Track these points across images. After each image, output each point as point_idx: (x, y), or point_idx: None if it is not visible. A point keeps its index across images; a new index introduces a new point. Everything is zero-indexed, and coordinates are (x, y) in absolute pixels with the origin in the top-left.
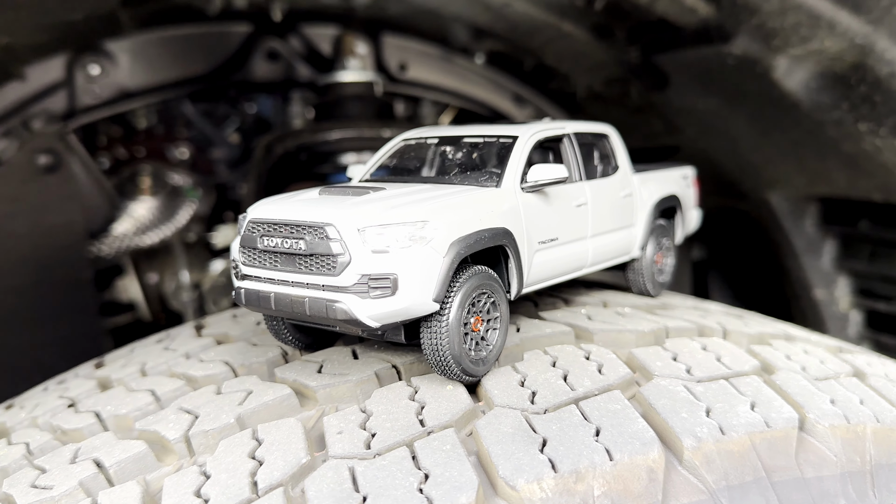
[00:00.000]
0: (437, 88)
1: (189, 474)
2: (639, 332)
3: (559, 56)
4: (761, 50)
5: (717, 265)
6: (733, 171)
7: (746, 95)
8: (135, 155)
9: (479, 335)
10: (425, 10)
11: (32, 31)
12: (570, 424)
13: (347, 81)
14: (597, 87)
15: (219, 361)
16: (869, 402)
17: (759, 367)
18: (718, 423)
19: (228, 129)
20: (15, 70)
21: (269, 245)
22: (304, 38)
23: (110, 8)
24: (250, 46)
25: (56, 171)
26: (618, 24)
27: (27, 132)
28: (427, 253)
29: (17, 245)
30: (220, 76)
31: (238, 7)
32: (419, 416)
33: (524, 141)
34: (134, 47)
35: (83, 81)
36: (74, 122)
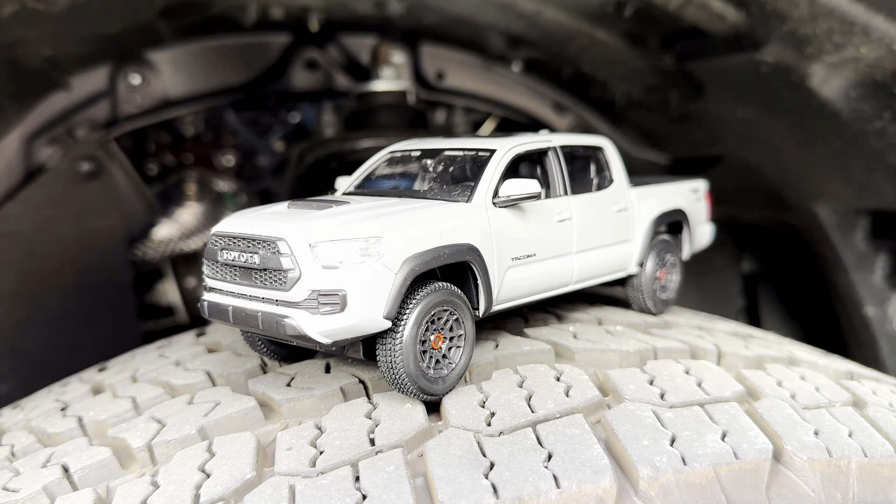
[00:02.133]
0: (475, 97)
1: (140, 484)
2: (623, 353)
3: (595, 63)
4: (795, 57)
5: (769, 279)
6: (777, 181)
7: (785, 104)
8: (182, 162)
9: (441, 353)
10: (460, 19)
11: (75, 43)
12: (521, 448)
13: (380, 90)
14: (635, 95)
15: (200, 371)
16: (860, 434)
17: (743, 394)
18: (681, 453)
19: (273, 137)
20: (60, 80)
21: (228, 258)
22: (343, 48)
23: (147, 20)
24: (289, 56)
25: (98, 178)
26: (649, 31)
27: (71, 140)
28: (377, 269)
29: (60, 249)
30: (259, 85)
31: (275, 18)
32: (371, 434)
33: (500, 155)
34: (175, 57)
35: (125, 91)
36: (116, 130)
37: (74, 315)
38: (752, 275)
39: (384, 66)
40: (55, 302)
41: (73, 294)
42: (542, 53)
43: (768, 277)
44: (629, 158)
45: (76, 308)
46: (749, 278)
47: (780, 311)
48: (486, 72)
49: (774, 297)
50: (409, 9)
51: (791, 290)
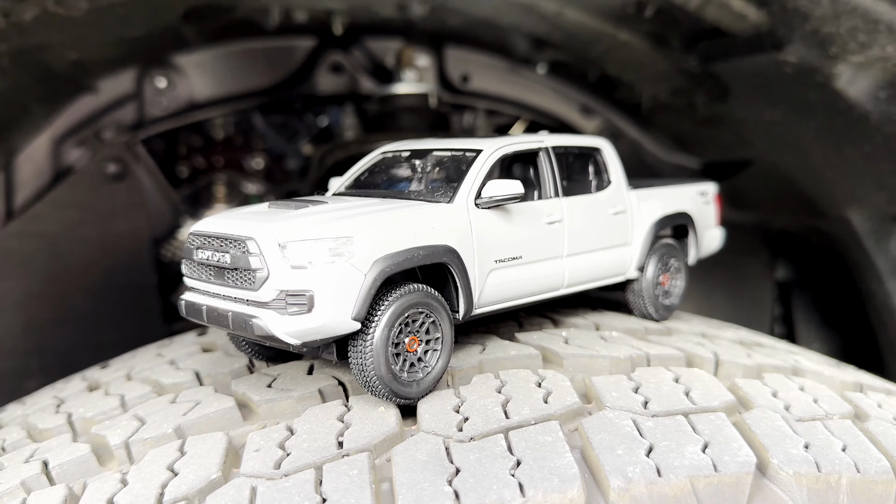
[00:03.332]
0: (501, 99)
1: (110, 481)
2: (613, 359)
3: (621, 65)
4: (819, 57)
5: (804, 287)
6: (808, 186)
7: (812, 106)
8: (213, 164)
9: (416, 356)
10: (483, 21)
11: (100, 47)
12: (489, 455)
13: (402, 93)
14: (662, 98)
15: (190, 370)
16: (855, 448)
17: (733, 404)
18: (657, 464)
19: (301, 140)
20: (87, 83)
21: (203, 258)
22: (368, 51)
23: (171, 24)
24: (314, 60)
25: (124, 180)
26: (672, 31)
27: (98, 142)
28: (346, 270)
29: (86, 249)
30: (285, 89)
31: (299, 21)
32: (340, 437)
33: (486, 155)
34: (201, 61)
35: (151, 94)
36: (143, 132)
37: (100, 315)
38: (787, 282)
39: (407, 69)
40: (81, 302)
41: (99, 294)
42: (567, 55)
43: (803, 285)
44: (659, 162)
45: (102, 308)
46: (783, 286)
47: (815, 320)
48: (512, 74)
49: (810, 305)
50: (432, 11)
51: (827, 298)
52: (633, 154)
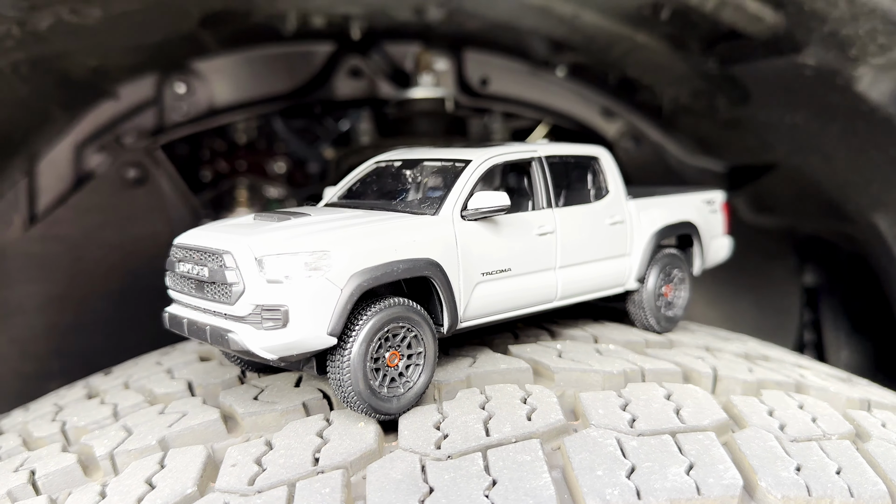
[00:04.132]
0: (521, 102)
1: (90, 493)
2: (606, 374)
3: (641, 68)
4: (838, 60)
5: (832, 292)
6: (833, 190)
7: (834, 110)
8: (235, 168)
9: (397, 371)
10: (500, 24)
11: (119, 54)
12: (465, 475)
13: (418, 98)
14: (683, 100)
15: (183, 380)
16: (851, 471)
17: (725, 423)
18: (637, 486)
19: (323, 144)
20: (108, 89)
21: (184, 270)
22: (387, 56)
23: (189, 30)
24: (333, 65)
25: (144, 185)
26: (689, 33)
27: (119, 147)
28: (321, 284)
29: (107, 253)
30: (304, 94)
31: (317, 26)
32: (316, 454)
33: (474, 167)
34: (220, 67)
35: (171, 99)
36: (163, 138)
37: (121, 318)
38: (815, 288)
39: (424, 73)
40: (102, 305)
41: (120, 298)
42: (587, 58)
43: (832, 291)
44: (682, 166)
45: (122, 311)
46: (811, 291)
47: (843, 326)
48: (532, 77)
49: (838, 311)
50: (449, 15)
51: (856, 304)
52: (657, 157)
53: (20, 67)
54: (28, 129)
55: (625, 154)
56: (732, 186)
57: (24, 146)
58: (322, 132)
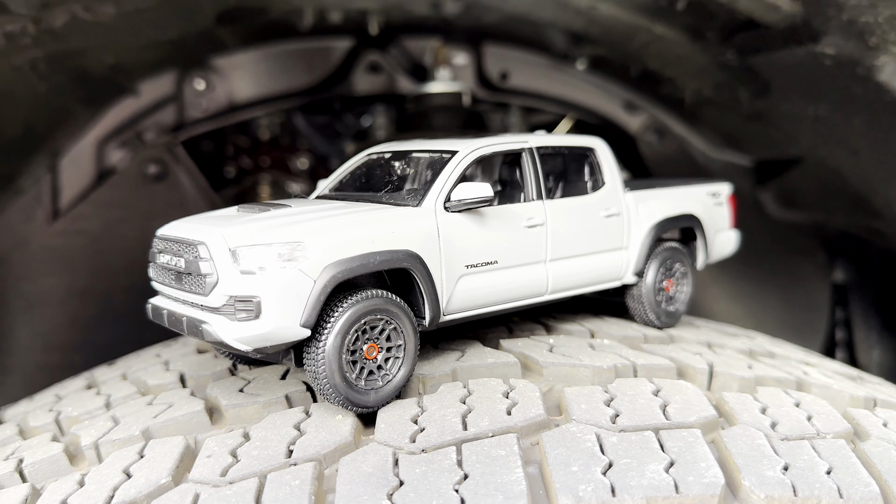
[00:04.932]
0: (541, 96)
1: (70, 482)
2: (596, 369)
3: (661, 60)
4: (858, 49)
5: (863, 289)
6: (860, 184)
7: (856, 101)
8: (259, 165)
9: (376, 364)
10: (518, 18)
11: (137, 51)
12: (436, 468)
13: (435, 92)
14: (706, 93)
15: (177, 372)
16: (842, 471)
17: (713, 420)
18: (612, 483)
19: (344, 139)
20: (128, 86)
21: (163, 261)
22: (405, 51)
23: (205, 27)
24: (352, 60)
25: (164, 180)
26: (706, 24)
27: (140, 143)
28: (293, 275)
29: (127, 248)
30: (323, 89)
31: (334, 22)
32: (291, 446)
33: (460, 158)
34: (239, 63)
35: (191, 96)
36: (183, 134)
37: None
38: (845, 285)
39: (441, 67)
40: (123, 298)
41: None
42: (607, 50)
43: (863, 288)
44: (708, 160)
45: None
46: (841, 289)
47: (874, 324)
48: (553, 71)
49: (869, 308)
50: (466, 9)
51: (888, 301)
52: (681, 152)
53: (38, 65)
54: (50, 126)
55: (648, 148)
56: (760, 181)
57: (46, 143)
58: (342, 128)
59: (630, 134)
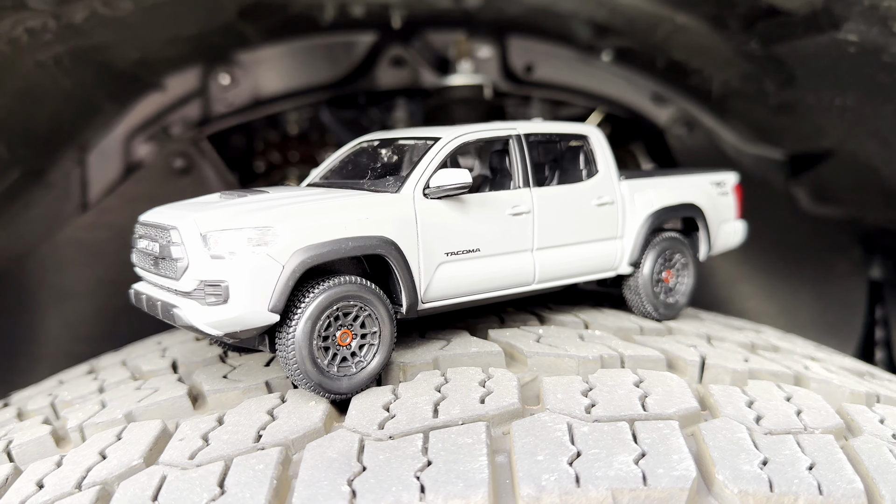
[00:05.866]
0: (567, 89)
1: (48, 462)
2: (581, 359)
3: (686, 50)
4: (882, 35)
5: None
6: (893, 177)
7: (884, 89)
8: (288, 159)
9: (349, 350)
10: (540, 9)
11: (160, 46)
12: (400, 455)
13: (456, 85)
14: (734, 84)
15: (171, 358)
16: (825, 467)
17: (694, 412)
18: (577, 473)
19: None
20: (153, 81)
21: (142, 247)
22: (429, 44)
23: (227, 22)
24: (376, 54)
25: (189, 174)
26: (728, 12)
27: (166, 137)
28: (261, 260)
29: None
30: (347, 83)
31: (356, 16)
32: (261, 430)
33: (441, 144)
34: (263, 58)
35: (216, 91)
36: (208, 128)
37: None
38: (881, 282)
39: (462, 60)
40: None
41: None
42: (631, 41)
43: None
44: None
45: None
46: (877, 285)
47: None
48: (579, 63)
49: None
50: (488, 1)
51: None
52: (711, 145)
53: (62, 60)
54: (78, 121)
55: (677, 141)
56: (793, 175)
57: (75, 137)
58: (367, 122)
59: (658, 126)
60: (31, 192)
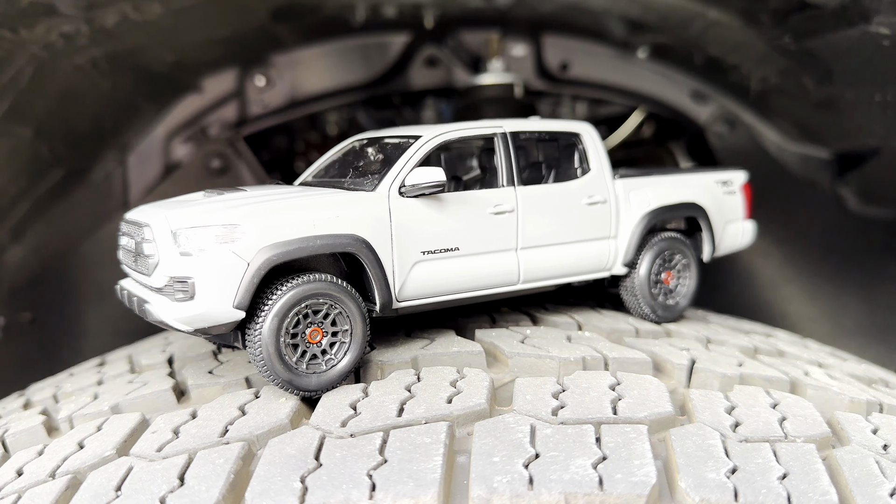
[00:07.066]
0: (604, 87)
1: (32, 451)
2: (562, 361)
3: (721, 46)
4: None
5: None
6: None
7: None
8: None
9: (320, 348)
10: (573, 6)
11: (195, 48)
12: (357, 453)
13: (486, 84)
14: (773, 80)
15: (169, 353)
16: (799, 477)
17: (667, 417)
18: (532, 475)
19: None
20: (191, 83)
21: (123, 244)
22: (463, 44)
23: (260, 25)
24: (410, 54)
25: (226, 174)
26: (759, 6)
27: (204, 138)
28: (226, 257)
29: None
30: (381, 84)
31: (389, 17)
32: (229, 425)
33: (421, 142)
34: (298, 60)
35: (252, 92)
36: (244, 129)
37: None
38: None
39: (493, 59)
40: None
41: None
42: (667, 38)
43: None
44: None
45: None
46: None
47: None
48: (615, 60)
49: None
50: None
51: None
52: (753, 143)
53: (99, 63)
54: (118, 122)
55: (718, 140)
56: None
57: (116, 138)
58: (402, 122)
59: (698, 125)
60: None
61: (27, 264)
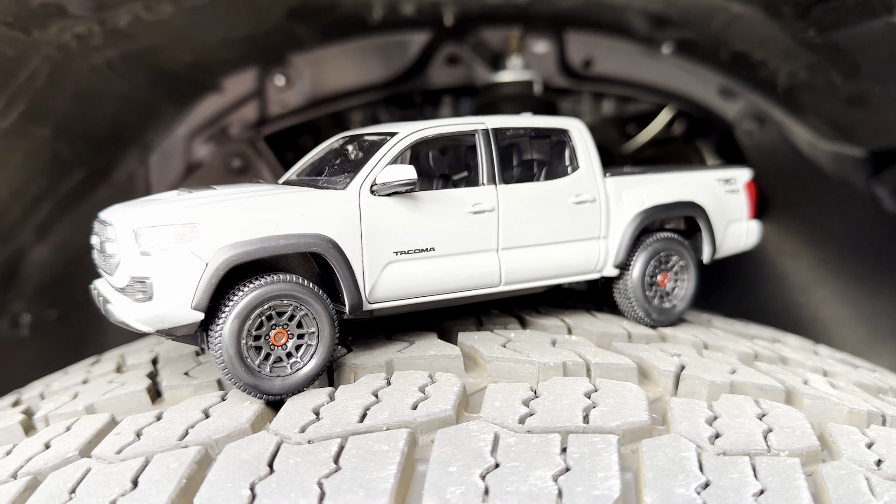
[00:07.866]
0: (629, 83)
1: (1, 451)
2: (542, 366)
3: (746, 41)
4: None
5: None
6: None
7: None
8: None
9: (285, 350)
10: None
11: (212, 48)
12: (311, 461)
13: (505, 81)
14: (800, 75)
15: (155, 353)
16: (776, 495)
17: (641, 427)
18: (488, 486)
19: None
20: (211, 83)
21: (94, 243)
22: (483, 41)
23: (276, 25)
24: (430, 53)
25: (246, 173)
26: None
27: (225, 138)
28: (183, 257)
29: None
30: (402, 82)
31: (407, 15)
32: (189, 429)
33: (396, 140)
34: (318, 59)
35: (272, 92)
36: (265, 128)
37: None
38: None
39: (513, 56)
40: None
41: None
42: (691, 33)
43: None
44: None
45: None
46: None
47: None
48: (640, 56)
49: None
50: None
51: None
52: (783, 141)
53: (115, 64)
54: (139, 122)
55: (747, 137)
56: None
57: (137, 138)
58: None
59: (727, 122)
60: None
61: (52, 263)
